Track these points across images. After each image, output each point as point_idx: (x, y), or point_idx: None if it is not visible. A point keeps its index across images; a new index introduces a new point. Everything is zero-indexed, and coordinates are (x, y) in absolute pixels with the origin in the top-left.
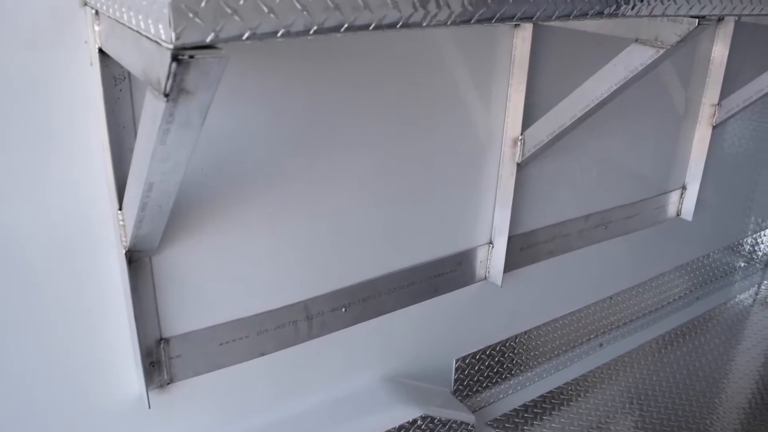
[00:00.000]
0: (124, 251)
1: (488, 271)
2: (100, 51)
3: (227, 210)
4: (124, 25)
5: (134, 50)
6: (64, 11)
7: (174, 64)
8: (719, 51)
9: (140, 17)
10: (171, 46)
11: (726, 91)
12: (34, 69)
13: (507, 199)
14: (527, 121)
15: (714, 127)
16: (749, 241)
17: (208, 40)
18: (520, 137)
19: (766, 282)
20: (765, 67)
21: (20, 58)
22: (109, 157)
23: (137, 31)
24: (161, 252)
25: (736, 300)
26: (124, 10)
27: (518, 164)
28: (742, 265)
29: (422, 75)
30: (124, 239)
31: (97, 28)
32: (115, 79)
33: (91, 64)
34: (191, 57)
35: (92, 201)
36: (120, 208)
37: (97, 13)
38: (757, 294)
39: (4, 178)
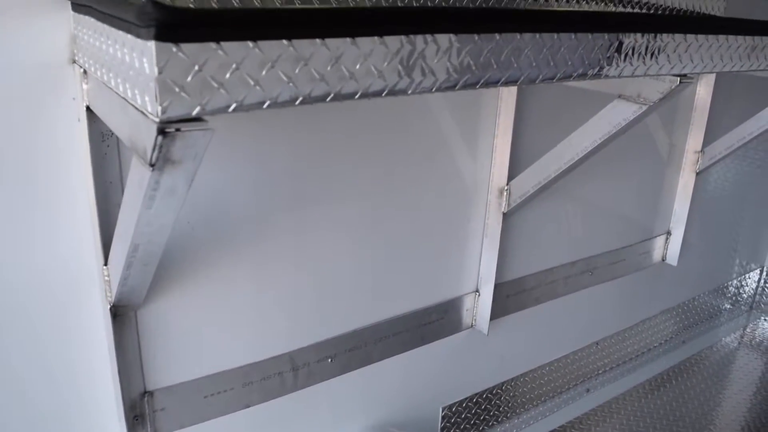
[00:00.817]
0: (108, 306)
1: (475, 319)
2: (88, 108)
3: (213, 262)
4: (111, 89)
5: (121, 115)
6: (52, 67)
7: (160, 137)
8: (702, 98)
9: (127, 85)
10: (157, 120)
11: (709, 138)
12: (20, 124)
13: (493, 248)
14: (513, 172)
15: (697, 174)
16: (734, 284)
17: (194, 113)
18: (506, 187)
19: (751, 325)
20: (747, 114)
21: (6, 112)
22: (95, 213)
23: (124, 98)
24: (146, 305)
25: (722, 343)
26: (111, 75)
27: (504, 214)
28: (728, 307)
29: (409, 126)
30: (108, 294)
31: (85, 86)
32: (103, 135)
33: (79, 120)
34: (177, 130)
35: (77, 256)
36: (105, 264)
37: (85, 72)
38: (742, 337)
39: None
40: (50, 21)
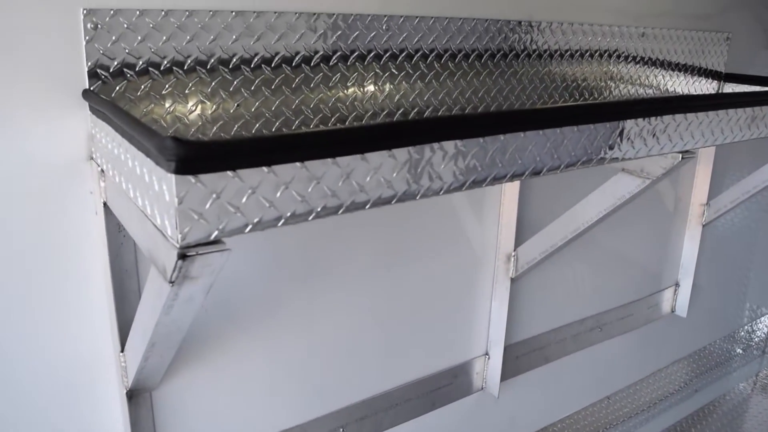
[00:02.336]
0: (125, 390)
1: (485, 382)
2: (105, 204)
3: (226, 342)
4: (130, 198)
5: (139, 226)
6: (70, 163)
7: (180, 261)
8: (706, 152)
9: (146, 202)
10: (177, 246)
11: (714, 190)
12: (39, 215)
13: (502, 312)
14: (520, 238)
15: (704, 226)
16: (746, 329)
17: (213, 237)
18: (513, 253)
19: (765, 370)
20: (752, 165)
21: (25, 204)
22: (112, 300)
23: (143, 212)
24: (161, 386)
25: (736, 390)
26: (130, 186)
27: (512, 279)
28: (740, 353)
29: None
30: (125, 379)
31: (102, 183)
32: (119, 226)
33: (96, 214)
34: (197, 253)
35: (94, 341)
36: (122, 350)
37: (102, 171)
38: (755, 383)
39: (10, 316)
40: (69, 119)
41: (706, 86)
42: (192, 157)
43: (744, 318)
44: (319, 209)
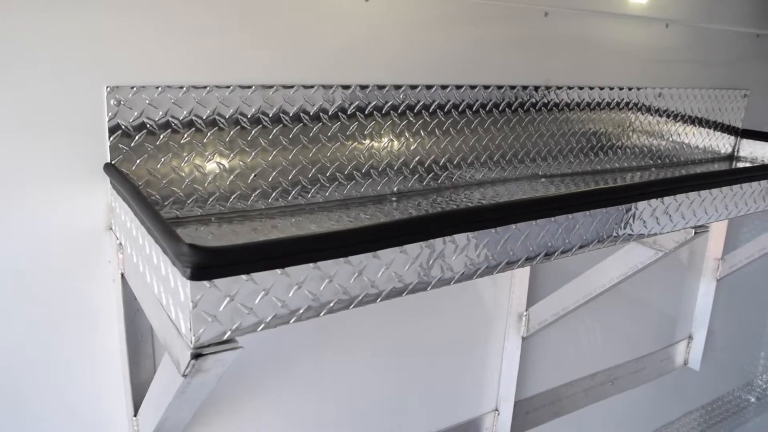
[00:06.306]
0: None
1: None
2: (122, 275)
3: (238, 401)
4: (146, 282)
5: (154, 311)
6: (90, 232)
7: (193, 361)
8: None
9: (162, 291)
10: (191, 346)
11: (729, 244)
12: (59, 282)
13: (513, 369)
14: (532, 297)
15: (718, 281)
16: (762, 378)
17: (226, 337)
18: (525, 313)
19: None
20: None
21: (47, 271)
22: (126, 365)
23: (159, 300)
24: None
25: None
26: (147, 270)
27: (523, 338)
28: (754, 402)
29: None
30: None
31: (120, 255)
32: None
33: (114, 281)
34: (210, 353)
35: (109, 403)
36: (135, 415)
37: (120, 244)
38: None
39: (29, 375)
40: (90, 190)
41: (723, 142)
42: (208, 264)
43: (759, 367)
44: (331, 305)
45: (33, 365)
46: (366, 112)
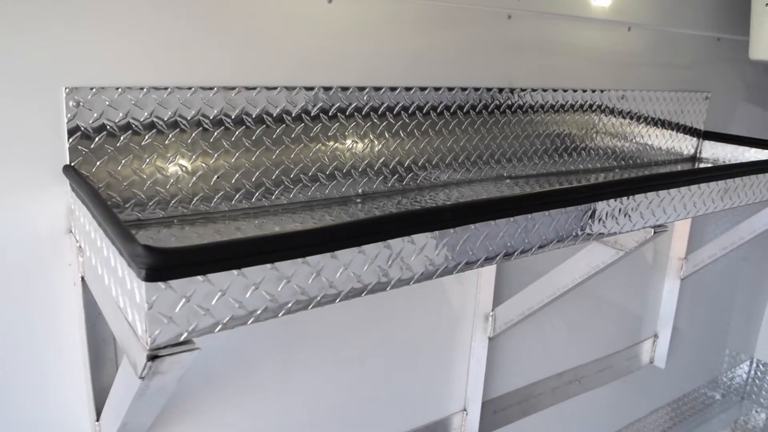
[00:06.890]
0: None
1: None
2: (82, 278)
3: (202, 405)
4: (104, 284)
5: (112, 315)
6: (49, 235)
7: (149, 362)
8: None
9: (119, 293)
10: (147, 347)
11: (693, 243)
12: (19, 286)
13: (479, 369)
14: (498, 297)
15: (682, 280)
16: (726, 376)
17: (182, 338)
18: (491, 313)
19: (743, 416)
20: (730, 218)
21: (5, 275)
22: (88, 369)
23: (116, 303)
24: None
25: None
26: (105, 273)
27: (490, 338)
28: (719, 399)
29: None
30: None
31: (80, 258)
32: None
33: (74, 285)
34: (167, 354)
35: (71, 408)
36: (97, 419)
37: (80, 247)
38: (734, 429)
39: None
40: (49, 193)
41: (685, 143)
42: (163, 265)
43: (724, 364)
44: (289, 305)
45: None
46: (330, 114)
